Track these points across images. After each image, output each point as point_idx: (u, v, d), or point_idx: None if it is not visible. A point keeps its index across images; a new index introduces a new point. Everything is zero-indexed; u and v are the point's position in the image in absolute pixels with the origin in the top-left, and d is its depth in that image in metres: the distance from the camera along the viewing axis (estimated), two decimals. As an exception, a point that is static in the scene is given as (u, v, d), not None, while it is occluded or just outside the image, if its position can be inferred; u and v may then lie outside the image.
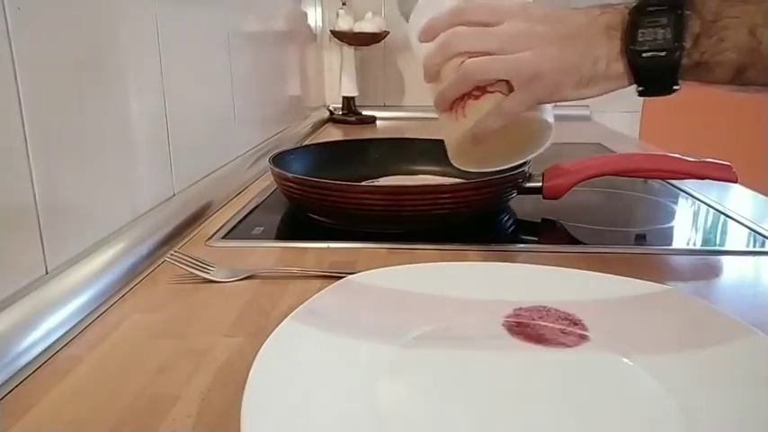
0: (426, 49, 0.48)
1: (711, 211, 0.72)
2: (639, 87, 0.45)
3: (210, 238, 0.61)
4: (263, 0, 1.07)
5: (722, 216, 0.70)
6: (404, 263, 0.49)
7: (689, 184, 0.82)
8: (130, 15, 0.56)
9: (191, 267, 0.50)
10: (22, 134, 0.40)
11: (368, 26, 1.45)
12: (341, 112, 1.54)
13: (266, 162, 0.72)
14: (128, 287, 0.49)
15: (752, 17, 0.41)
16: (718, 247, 0.61)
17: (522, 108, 0.46)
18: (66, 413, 0.33)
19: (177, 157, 0.66)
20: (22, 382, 0.36)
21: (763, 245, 0.61)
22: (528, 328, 0.41)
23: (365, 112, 1.55)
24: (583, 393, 0.35)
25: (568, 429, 0.32)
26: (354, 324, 0.40)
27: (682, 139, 1.61)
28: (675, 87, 0.44)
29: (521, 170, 0.65)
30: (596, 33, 0.45)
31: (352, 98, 1.53)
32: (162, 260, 0.53)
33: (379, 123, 1.52)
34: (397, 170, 0.81)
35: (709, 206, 0.74)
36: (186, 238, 0.61)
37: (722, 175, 0.66)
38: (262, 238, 0.62)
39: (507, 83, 0.45)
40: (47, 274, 0.43)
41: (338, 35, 1.45)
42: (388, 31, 1.48)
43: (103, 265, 0.47)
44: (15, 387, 0.35)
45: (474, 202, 0.63)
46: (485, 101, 0.46)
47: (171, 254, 0.51)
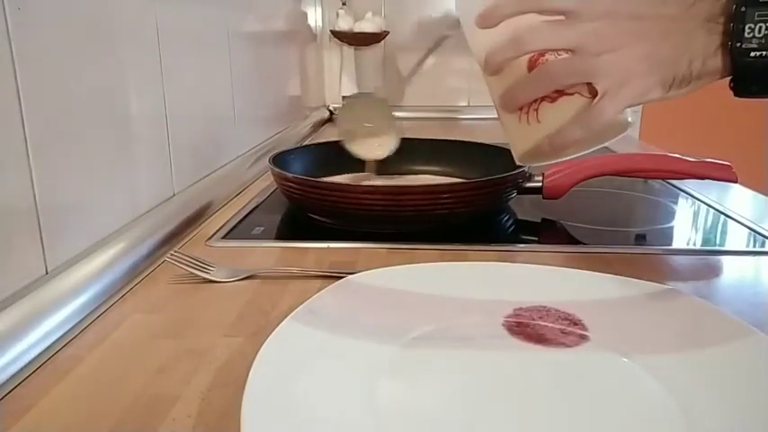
0: (490, 39, 0.41)
1: (711, 211, 0.72)
2: (738, 87, 0.40)
3: (210, 238, 0.61)
4: (263, 0, 1.07)
5: (722, 216, 0.70)
6: (404, 263, 0.49)
7: (689, 184, 0.82)
8: (130, 15, 0.56)
9: (191, 267, 0.50)
10: (22, 134, 0.40)
11: (368, 26, 1.45)
12: (341, 113, 1.54)
13: (266, 162, 0.72)
14: (128, 287, 0.49)
15: None
16: (718, 247, 0.61)
17: (611, 115, 0.41)
18: (66, 413, 0.33)
19: (177, 157, 0.66)
20: (22, 382, 0.36)
21: (763, 245, 0.61)
22: (528, 328, 0.41)
23: (365, 112, 1.55)
24: (583, 393, 0.35)
25: (568, 429, 0.32)
26: (354, 324, 0.40)
27: (682, 139, 1.62)
28: None
29: (521, 170, 0.65)
30: (694, 27, 0.39)
31: (353, 98, 1.54)
32: (162, 260, 0.53)
33: (379, 123, 1.52)
34: (397, 170, 0.81)
35: (709, 206, 0.74)
36: (186, 238, 0.61)
37: (722, 175, 0.66)
38: (262, 238, 0.62)
39: (589, 84, 0.41)
40: (47, 274, 0.43)
41: (338, 35, 1.45)
42: (388, 31, 1.49)
43: (103, 265, 0.47)
44: (15, 387, 0.35)
45: (474, 201, 0.63)
46: (564, 105, 0.41)
47: (171, 254, 0.51)
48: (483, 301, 0.44)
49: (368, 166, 0.79)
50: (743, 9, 0.38)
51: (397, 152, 0.82)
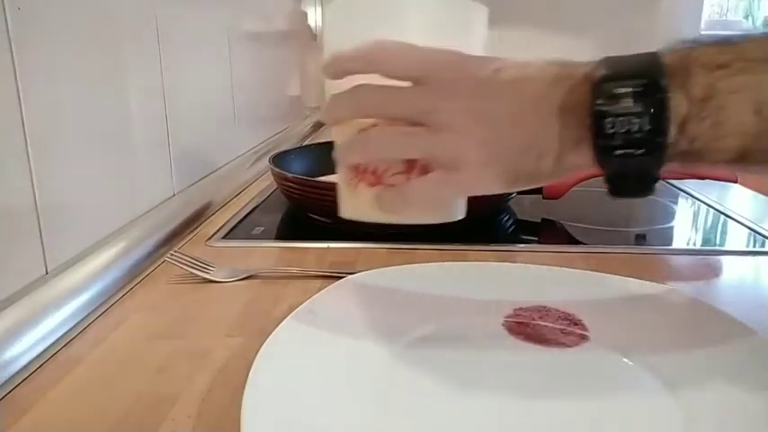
0: (336, 85, 0.37)
1: (711, 211, 0.72)
2: (611, 188, 0.34)
3: (210, 238, 0.61)
4: (263, 0, 1.07)
5: (722, 216, 0.70)
6: (404, 263, 0.49)
7: (689, 184, 0.82)
8: (131, 15, 0.56)
9: (191, 267, 0.50)
10: (22, 134, 0.40)
11: (368, 26, 1.45)
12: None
13: (266, 162, 0.72)
14: (128, 287, 0.49)
15: (757, 91, 0.30)
16: (718, 247, 0.61)
17: (431, 199, 0.36)
18: (67, 413, 0.33)
19: (177, 157, 0.66)
20: (22, 381, 0.36)
21: (763, 245, 0.61)
22: (528, 328, 0.41)
23: (365, 112, 1.55)
24: (583, 393, 0.35)
25: (568, 429, 0.32)
26: (354, 324, 0.40)
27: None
28: (655, 187, 0.34)
29: None
30: (547, 115, 0.33)
31: (352, 98, 1.53)
32: (162, 260, 0.53)
33: (379, 123, 1.52)
34: None
35: (709, 206, 0.74)
36: (186, 238, 0.61)
37: (722, 174, 0.66)
38: (262, 238, 0.62)
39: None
40: (47, 274, 0.43)
41: (338, 35, 1.45)
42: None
43: (103, 265, 0.47)
44: (15, 387, 0.35)
45: (474, 201, 0.63)
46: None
47: (171, 254, 0.51)
48: (483, 301, 0.44)
49: None
50: (599, 103, 0.31)
51: None
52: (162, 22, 0.61)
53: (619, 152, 0.31)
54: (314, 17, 1.51)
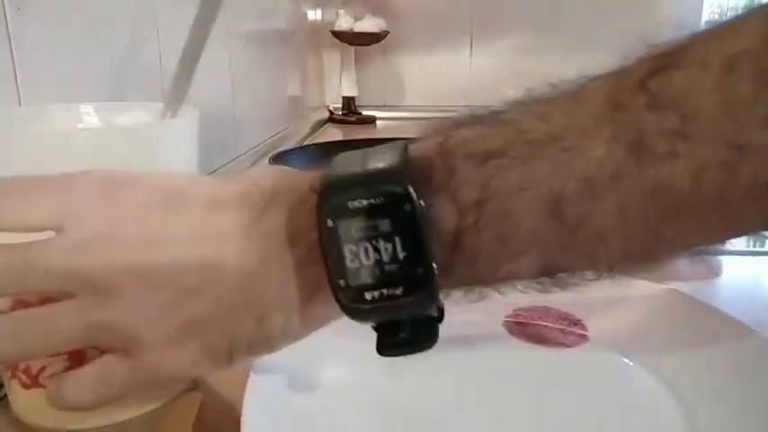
0: None
1: (711, 211, 0.72)
2: (379, 344, 0.25)
3: (210, 238, 0.61)
4: (263, 0, 1.07)
5: (722, 216, 0.70)
6: (404, 263, 0.49)
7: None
8: (130, 16, 0.56)
9: (191, 267, 0.50)
10: (22, 134, 0.40)
11: (368, 26, 1.45)
12: (341, 112, 1.54)
13: (266, 162, 0.72)
14: (128, 287, 0.49)
15: (549, 186, 0.22)
16: (718, 247, 0.61)
17: (98, 399, 0.25)
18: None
19: (177, 157, 0.65)
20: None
21: (763, 245, 0.61)
22: (528, 328, 0.41)
23: (365, 112, 1.55)
24: (583, 393, 0.35)
25: (568, 429, 0.32)
26: (354, 324, 0.40)
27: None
28: (437, 334, 0.25)
29: None
30: (257, 257, 0.24)
31: (352, 98, 1.53)
32: (162, 260, 0.53)
33: (379, 123, 1.52)
34: None
35: (709, 206, 0.73)
36: (186, 239, 0.61)
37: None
38: (262, 238, 0.62)
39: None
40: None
41: (338, 35, 1.45)
42: (388, 31, 1.48)
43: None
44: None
45: None
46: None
47: (171, 254, 0.51)
48: (483, 302, 0.44)
49: None
50: (329, 225, 0.22)
51: None
52: (162, 22, 0.61)
53: (370, 295, 0.22)
54: (314, 17, 1.52)
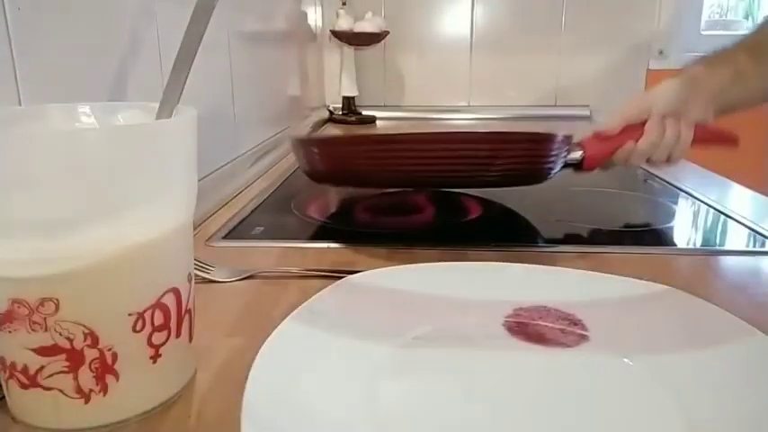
0: None
1: (711, 211, 0.72)
2: None
3: (210, 238, 0.61)
4: (263, 0, 1.07)
5: (722, 216, 0.70)
6: (404, 263, 0.49)
7: (689, 184, 0.82)
8: (131, 15, 0.56)
9: (191, 267, 0.50)
10: (22, 134, 0.40)
11: (368, 26, 1.45)
12: (341, 112, 1.54)
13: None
14: (128, 287, 0.49)
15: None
16: (718, 247, 0.61)
17: None
18: (67, 413, 0.33)
19: (177, 157, 0.65)
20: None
21: (763, 245, 0.61)
22: (528, 328, 0.41)
23: (365, 112, 1.55)
24: (583, 393, 0.35)
25: (568, 429, 0.32)
26: (354, 324, 0.40)
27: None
28: None
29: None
30: None
31: (352, 98, 1.54)
32: (162, 260, 0.53)
33: (379, 123, 1.52)
34: None
35: (710, 206, 0.74)
36: (186, 238, 0.61)
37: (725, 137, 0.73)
38: (262, 238, 0.62)
39: None
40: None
41: (338, 35, 1.46)
42: (388, 31, 1.49)
43: (103, 265, 0.47)
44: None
45: (527, 157, 0.60)
46: None
47: (171, 254, 0.51)
48: (483, 301, 0.44)
49: None
50: None
51: None
52: (162, 22, 0.61)
53: None
54: (314, 17, 1.51)
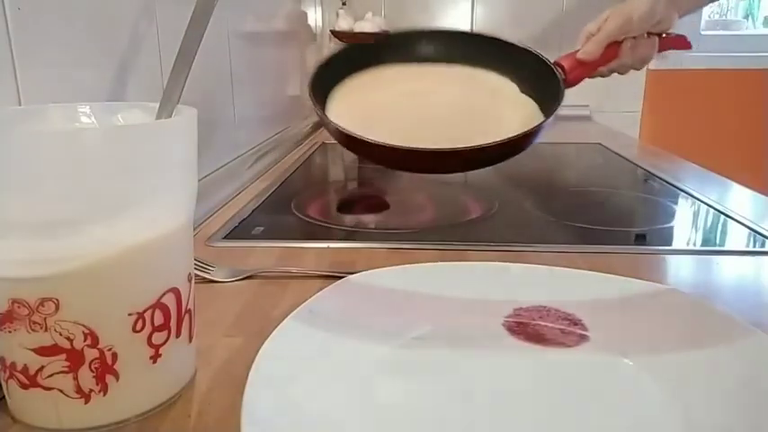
0: None
1: (711, 211, 0.72)
2: None
3: (210, 238, 0.61)
4: (263, 0, 1.07)
5: (722, 216, 0.70)
6: (404, 263, 0.49)
7: (689, 184, 0.82)
8: (131, 16, 0.56)
9: (191, 267, 0.50)
10: (22, 134, 0.40)
11: (368, 26, 1.45)
12: (341, 112, 1.54)
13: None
14: (128, 287, 0.49)
15: None
16: (718, 247, 0.61)
17: None
18: (67, 413, 0.33)
19: (177, 157, 0.65)
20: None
21: (763, 245, 0.61)
22: (528, 328, 0.41)
23: (365, 112, 1.55)
24: (583, 393, 0.35)
25: (568, 429, 0.32)
26: (354, 324, 0.40)
27: (682, 139, 1.62)
28: None
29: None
30: None
31: (352, 98, 1.53)
32: (162, 260, 0.53)
33: (379, 123, 1.52)
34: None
35: (710, 206, 0.73)
36: (186, 238, 0.61)
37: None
38: (262, 238, 0.62)
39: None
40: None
41: (338, 35, 1.45)
42: (388, 31, 1.48)
43: (103, 265, 0.47)
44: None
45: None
46: None
47: (171, 254, 0.51)
48: (483, 301, 0.44)
49: None
50: None
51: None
52: (162, 22, 0.61)
53: None
54: (314, 17, 1.51)
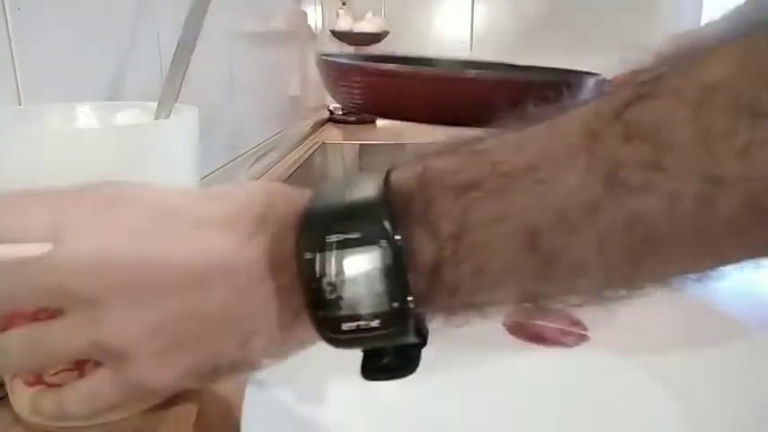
0: None
1: (711, 211, 0.72)
2: (362, 370, 0.26)
3: (210, 238, 0.61)
4: (263, 0, 1.07)
5: (722, 216, 0.70)
6: (404, 263, 0.49)
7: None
8: (130, 16, 0.56)
9: (191, 267, 0.50)
10: (23, 134, 0.40)
11: (368, 26, 1.45)
12: (341, 113, 1.54)
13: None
14: (128, 287, 0.49)
15: (524, 217, 0.21)
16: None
17: (94, 405, 0.27)
18: (67, 413, 0.33)
19: (177, 157, 0.65)
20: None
21: (763, 245, 0.61)
22: (528, 327, 0.41)
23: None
24: (583, 393, 0.35)
25: (568, 429, 0.32)
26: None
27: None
28: (418, 360, 0.26)
29: None
30: (243, 278, 0.24)
31: (352, 98, 1.53)
32: (162, 260, 0.53)
33: (378, 124, 1.52)
34: None
35: (709, 206, 0.73)
36: (186, 239, 0.61)
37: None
38: (262, 238, 0.62)
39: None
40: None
41: (338, 35, 1.46)
42: (388, 31, 1.49)
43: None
44: (15, 387, 0.35)
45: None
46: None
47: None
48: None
49: None
50: (307, 257, 0.22)
51: None
52: (162, 22, 0.61)
53: (347, 326, 0.22)
54: (314, 17, 1.52)
